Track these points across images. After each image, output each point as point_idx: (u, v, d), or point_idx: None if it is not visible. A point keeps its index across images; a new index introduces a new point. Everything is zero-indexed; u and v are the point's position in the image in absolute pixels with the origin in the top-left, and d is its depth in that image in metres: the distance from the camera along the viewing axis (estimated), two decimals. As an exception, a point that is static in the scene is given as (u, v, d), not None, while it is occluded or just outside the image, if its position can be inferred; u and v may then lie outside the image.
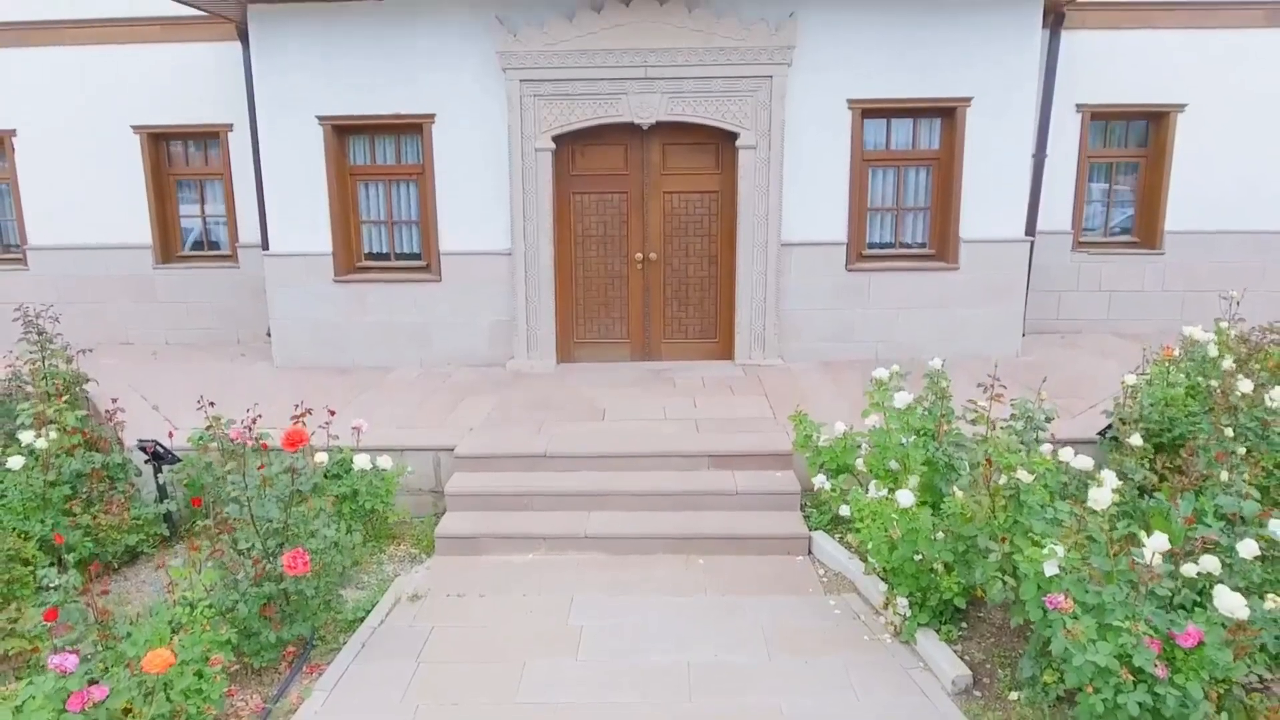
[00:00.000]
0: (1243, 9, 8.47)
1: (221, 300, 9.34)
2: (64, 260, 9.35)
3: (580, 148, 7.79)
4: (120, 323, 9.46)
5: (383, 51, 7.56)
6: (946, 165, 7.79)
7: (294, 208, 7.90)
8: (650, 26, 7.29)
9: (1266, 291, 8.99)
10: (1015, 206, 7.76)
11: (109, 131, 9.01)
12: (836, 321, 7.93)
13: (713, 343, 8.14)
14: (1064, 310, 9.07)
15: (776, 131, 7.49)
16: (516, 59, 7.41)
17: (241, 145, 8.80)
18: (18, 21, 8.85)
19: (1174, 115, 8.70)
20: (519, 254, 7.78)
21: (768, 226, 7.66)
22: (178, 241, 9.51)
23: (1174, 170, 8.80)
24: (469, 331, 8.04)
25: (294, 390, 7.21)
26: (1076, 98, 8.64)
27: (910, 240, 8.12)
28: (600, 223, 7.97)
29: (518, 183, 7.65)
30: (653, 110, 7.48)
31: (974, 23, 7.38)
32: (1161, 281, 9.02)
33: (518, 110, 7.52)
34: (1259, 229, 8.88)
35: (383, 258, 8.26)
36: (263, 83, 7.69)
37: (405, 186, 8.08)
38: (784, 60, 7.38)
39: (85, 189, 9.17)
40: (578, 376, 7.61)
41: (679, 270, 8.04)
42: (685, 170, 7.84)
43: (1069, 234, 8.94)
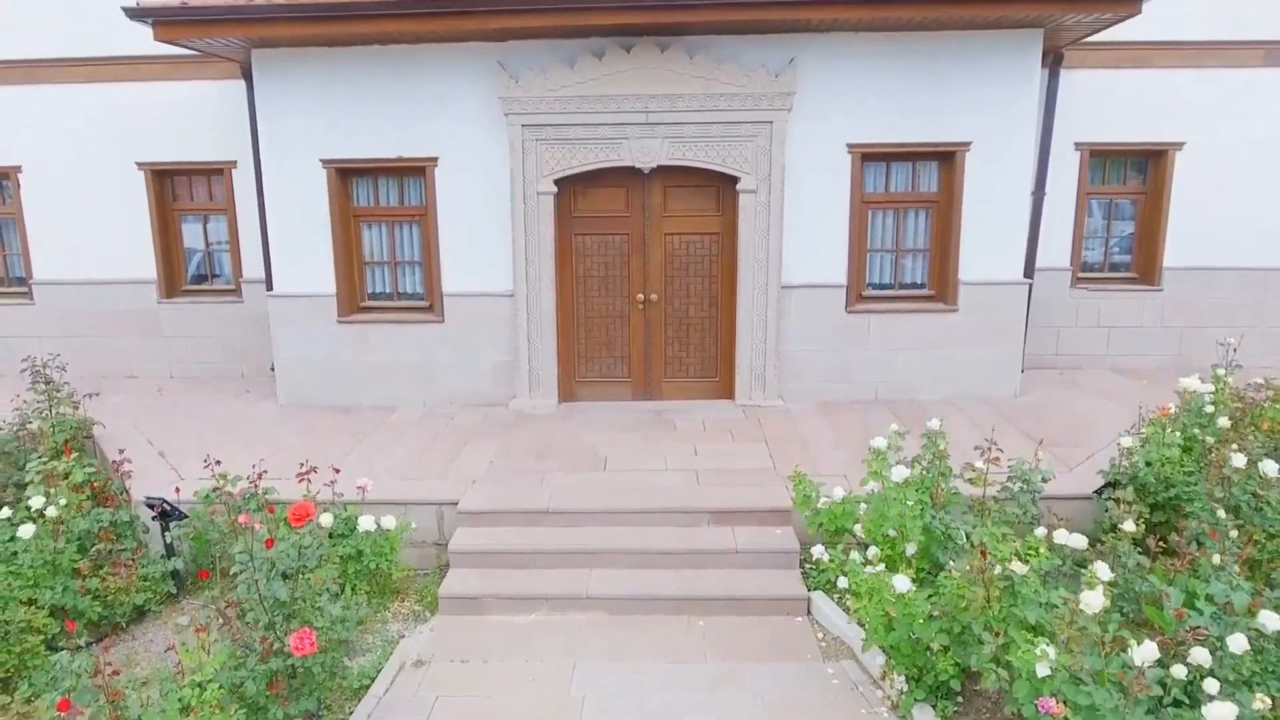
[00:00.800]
0: (1241, 49, 8.52)
1: (225, 334, 9.41)
2: (69, 295, 9.43)
3: (582, 190, 7.86)
4: (125, 356, 9.53)
5: (385, 95, 7.62)
6: (946, 208, 7.85)
7: (298, 249, 7.97)
8: (651, 73, 7.35)
9: (1265, 328, 9.08)
10: (1014, 249, 7.81)
11: (114, 167, 9.09)
12: (836, 362, 7.98)
13: (713, 381, 8.20)
14: (1063, 346, 9.13)
15: (777, 176, 7.55)
16: (518, 104, 7.47)
17: (245, 181, 8.88)
18: (25, 59, 8.93)
19: (1172, 153, 8.75)
20: (521, 295, 7.85)
21: (768, 269, 7.72)
22: (182, 276, 9.58)
23: (1172, 207, 8.86)
24: (471, 371, 8.10)
25: (298, 433, 7.31)
26: (1076, 136, 8.70)
27: (910, 281, 8.17)
28: (602, 263, 8.03)
29: (519, 225, 7.72)
30: (654, 155, 7.54)
31: (973, 69, 7.42)
32: (1160, 317, 9.07)
33: (520, 154, 7.59)
34: (1257, 265, 8.94)
35: (386, 298, 8.33)
36: (266, 126, 7.76)
37: (408, 227, 8.14)
38: (784, 106, 7.44)
39: (90, 224, 9.25)
40: (579, 418, 7.68)
41: (680, 310, 8.10)
42: (686, 212, 7.90)
43: (1068, 270, 9.00)
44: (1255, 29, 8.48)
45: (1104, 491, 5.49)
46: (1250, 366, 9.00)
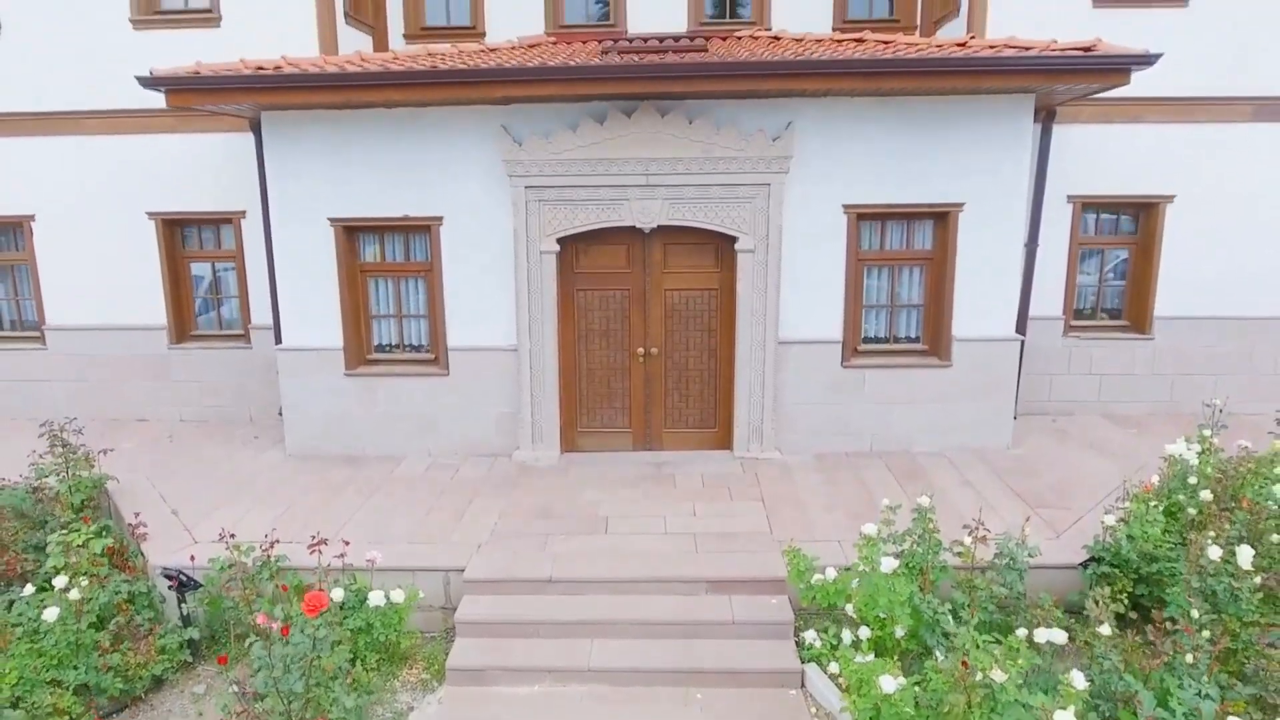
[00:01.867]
0: (1231, 104, 8.69)
1: (234, 379, 9.60)
2: (81, 340, 9.62)
3: (584, 246, 8.03)
4: (136, 400, 9.72)
5: (392, 156, 7.80)
6: (940, 265, 8.02)
7: (306, 304, 8.15)
8: (651, 136, 7.52)
9: (1254, 375, 9.26)
10: (1007, 306, 7.98)
11: (125, 217, 9.29)
12: (832, 415, 8.16)
13: (712, 432, 8.39)
14: (1055, 392, 9.30)
15: (774, 236, 7.73)
16: (521, 166, 7.65)
17: (254, 230, 9.08)
18: (38, 112, 9.11)
19: (1163, 206, 8.93)
20: (524, 350, 8.03)
21: (765, 326, 7.90)
22: (192, 322, 9.77)
23: (1163, 257, 9.03)
24: (476, 423, 8.29)
25: (307, 490, 7.50)
26: (1068, 189, 8.88)
27: (904, 334, 8.34)
28: (603, 318, 8.22)
29: (523, 282, 7.90)
30: (654, 215, 7.72)
31: (967, 132, 7.59)
32: (1151, 365, 9.25)
33: (523, 214, 7.77)
34: (1245, 315, 9.11)
35: (392, 350, 8.51)
36: (275, 186, 7.94)
37: (413, 282, 8.32)
38: (782, 169, 7.61)
39: (101, 271, 9.45)
40: (580, 472, 7.86)
41: (679, 363, 8.28)
42: (685, 268, 8.08)
43: (1060, 319, 9.18)
44: (1244, 85, 8.65)
45: (1089, 565, 5.68)
46: (1239, 413, 9.24)
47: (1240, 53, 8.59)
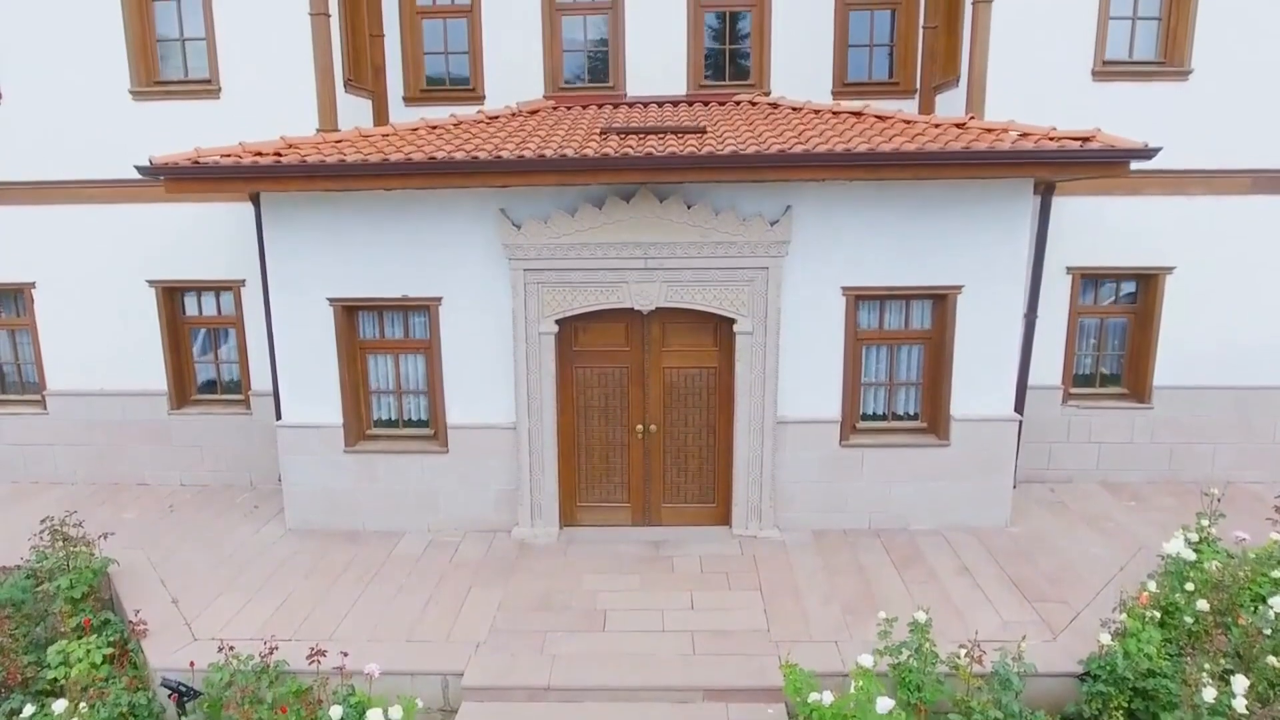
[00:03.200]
0: (1229, 177, 8.69)
1: (234, 444, 9.62)
2: (82, 405, 9.65)
3: (583, 325, 8.04)
4: (137, 464, 9.75)
5: (391, 237, 7.81)
6: (938, 344, 8.03)
7: (305, 381, 8.17)
8: (650, 221, 7.53)
9: (1253, 444, 9.27)
10: (1005, 386, 7.98)
11: (125, 284, 9.32)
12: (831, 492, 8.18)
13: (710, 508, 8.40)
14: (1054, 460, 9.31)
15: (773, 318, 7.74)
16: (520, 249, 7.66)
17: (254, 297, 9.10)
18: (39, 181, 9.13)
19: (1162, 277, 8.93)
20: (523, 428, 8.05)
21: (764, 406, 7.91)
22: (192, 387, 9.80)
23: (1162, 328, 9.03)
24: (475, 499, 8.31)
25: (306, 575, 7.53)
26: (1067, 260, 8.89)
27: (903, 411, 8.35)
28: (602, 394, 8.23)
29: (522, 362, 7.92)
30: (652, 298, 7.73)
31: (965, 216, 7.59)
32: (1150, 434, 9.25)
33: (522, 296, 7.78)
34: (1244, 384, 9.11)
35: (391, 425, 8.53)
36: (274, 266, 7.95)
37: (413, 359, 8.33)
38: (780, 253, 7.62)
39: (102, 338, 9.48)
40: (579, 553, 7.88)
41: (678, 439, 8.29)
42: (684, 347, 8.09)
43: (1059, 389, 9.18)
44: (1243, 158, 8.65)
45: (1085, 679, 5.69)
46: (1239, 481, 9.28)
47: (1239, 126, 8.57)
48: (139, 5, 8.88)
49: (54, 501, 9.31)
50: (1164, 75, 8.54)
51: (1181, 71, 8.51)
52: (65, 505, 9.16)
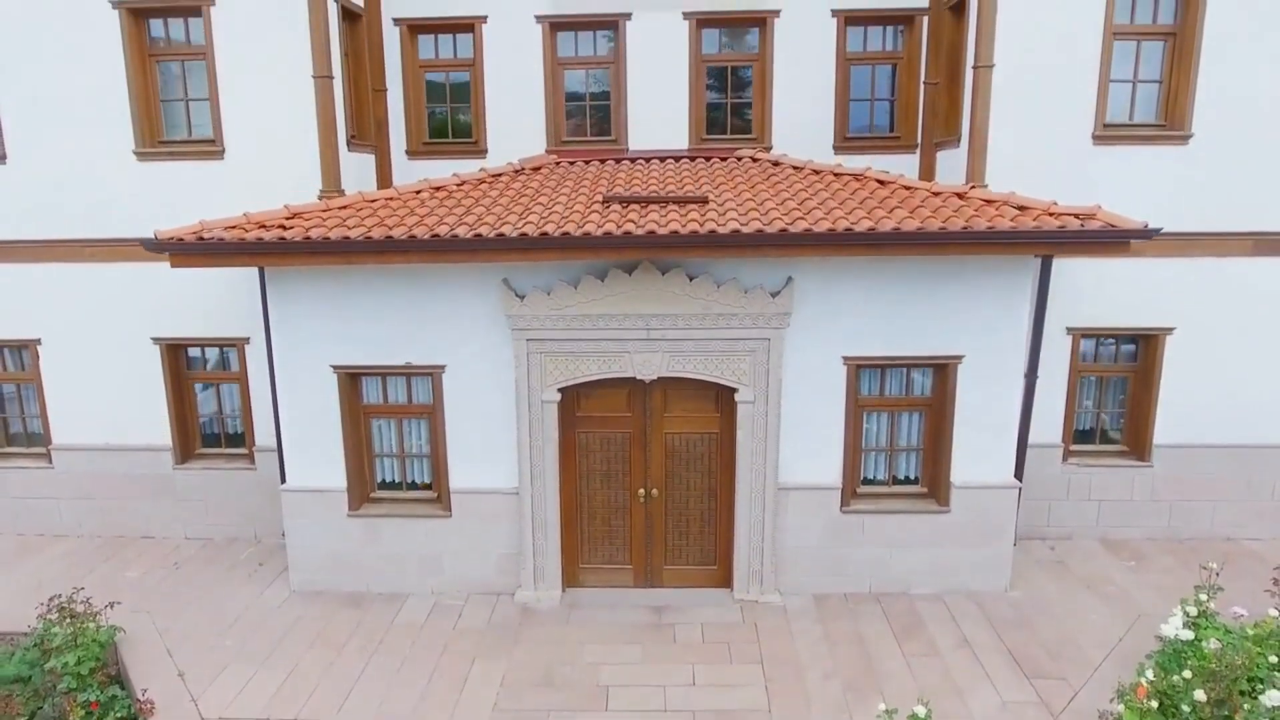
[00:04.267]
0: (1231, 239, 8.71)
1: (238, 498, 9.68)
2: (87, 459, 9.71)
3: (585, 391, 8.08)
4: (142, 517, 9.81)
5: (394, 307, 7.85)
6: (938, 411, 8.07)
7: (310, 445, 8.21)
8: (652, 293, 7.57)
9: (1253, 501, 9.30)
10: (1005, 453, 8.01)
11: (129, 341, 9.37)
12: (832, 557, 8.22)
13: (712, 570, 8.44)
14: (1054, 518, 9.35)
15: (774, 387, 7.78)
16: (523, 320, 7.71)
17: (258, 354, 9.14)
18: (44, 239, 9.18)
19: (1163, 337, 8.96)
20: (526, 493, 8.10)
21: (765, 473, 7.96)
22: (196, 441, 9.86)
23: (1163, 386, 9.06)
24: (478, 562, 8.36)
25: (309, 644, 7.61)
26: (1067, 321, 8.92)
27: (903, 476, 8.39)
28: (604, 459, 8.27)
29: (524, 430, 7.96)
30: (655, 368, 7.77)
31: (965, 288, 7.62)
32: (1150, 491, 9.28)
33: (525, 365, 7.82)
34: (1243, 443, 9.14)
35: (395, 487, 8.58)
36: (279, 335, 8.00)
37: (417, 423, 8.38)
38: (781, 324, 7.66)
39: (106, 393, 9.54)
40: (581, 619, 7.93)
41: (680, 503, 8.34)
42: (686, 413, 8.12)
43: (1059, 446, 9.22)
44: (1244, 221, 8.67)
45: (1083, 774, 5.74)
46: (1238, 538, 9.33)
47: (1240, 189, 8.60)
48: (142, 66, 8.92)
49: (59, 556, 9.39)
50: (1165, 139, 8.56)
51: (1182, 135, 8.53)
52: (70, 561, 9.29)
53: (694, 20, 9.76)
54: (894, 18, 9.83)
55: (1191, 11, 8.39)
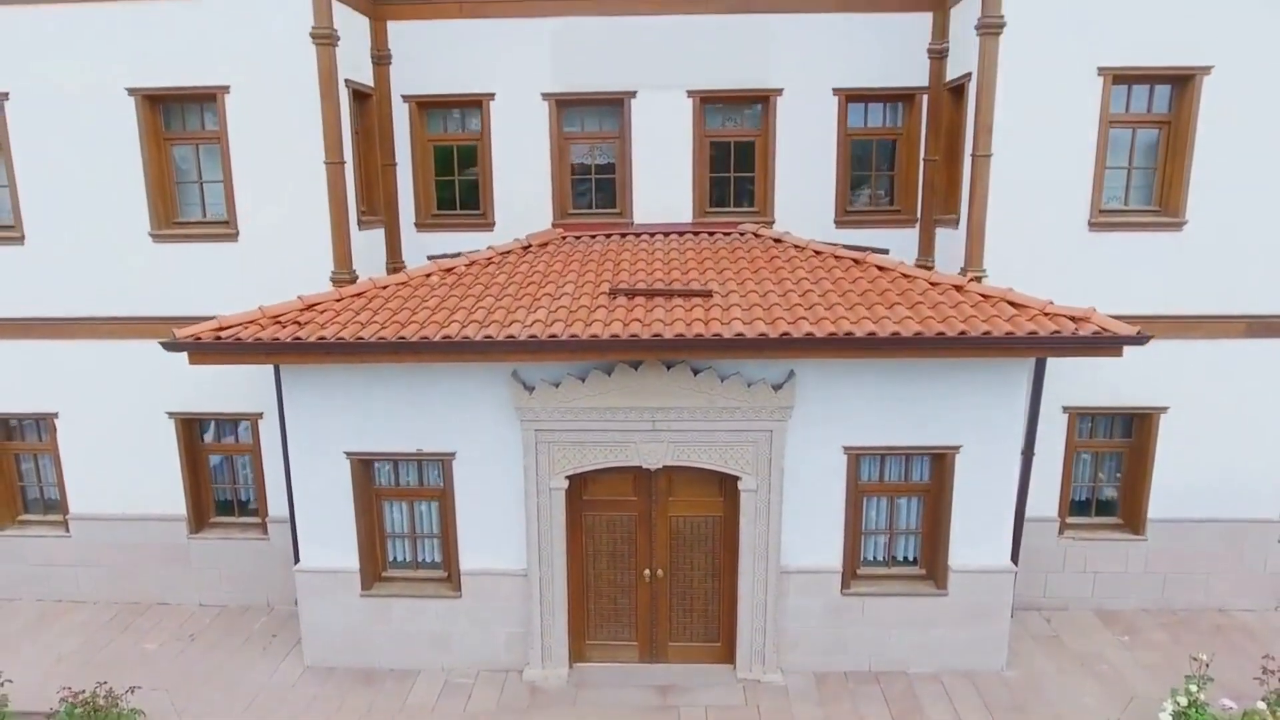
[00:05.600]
0: (1225, 321, 8.89)
1: (251, 567, 9.90)
2: (103, 528, 9.93)
3: (592, 477, 8.27)
4: (157, 585, 10.03)
5: (406, 397, 8.05)
6: (936, 496, 8.27)
7: (323, 527, 8.42)
8: (658, 387, 7.77)
9: (1244, 574, 9.51)
10: (1001, 538, 8.21)
11: (144, 415, 9.58)
12: (832, 637, 8.42)
13: (715, 647, 8.65)
14: (1050, 589, 9.56)
15: (776, 477, 7.97)
16: (532, 412, 7.90)
17: (271, 428, 9.34)
18: (61, 317, 9.39)
19: (1157, 416, 9.14)
20: (534, 575, 8.30)
21: (767, 558, 8.16)
22: (210, 511, 10.07)
23: (1156, 463, 9.26)
24: (488, 640, 8.56)
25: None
26: (1063, 400, 9.12)
27: (902, 557, 8.59)
28: (610, 540, 8.48)
29: (533, 515, 8.17)
30: (660, 457, 7.97)
31: (963, 382, 7.81)
32: (1144, 564, 9.49)
33: (533, 454, 8.03)
34: (1236, 518, 9.34)
35: (406, 566, 8.78)
36: (293, 423, 8.19)
37: (428, 505, 8.58)
38: (783, 417, 7.86)
39: (122, 464, 9.75)
40: (589, 700, 8.13)
41: (684, 583, 8.54)
42: (690, 497, 8.32)
43: (1056, 520, 9.42)
44: (1237, 304, 8.85)
45: None
46: (1231, 609, 9.53)
47: (1234, 274, 8.78)
48: (158, 150, 9.12)
49: (77, 626, 9.61)
50: (1160, 226, 8.74)
51: (1177, 222, 8.70)
52: (88, 631, 9.51)
53: (698, 98, 9.93)
54: (894, 96, 9.99)
55: (1186, 101, 8.56)
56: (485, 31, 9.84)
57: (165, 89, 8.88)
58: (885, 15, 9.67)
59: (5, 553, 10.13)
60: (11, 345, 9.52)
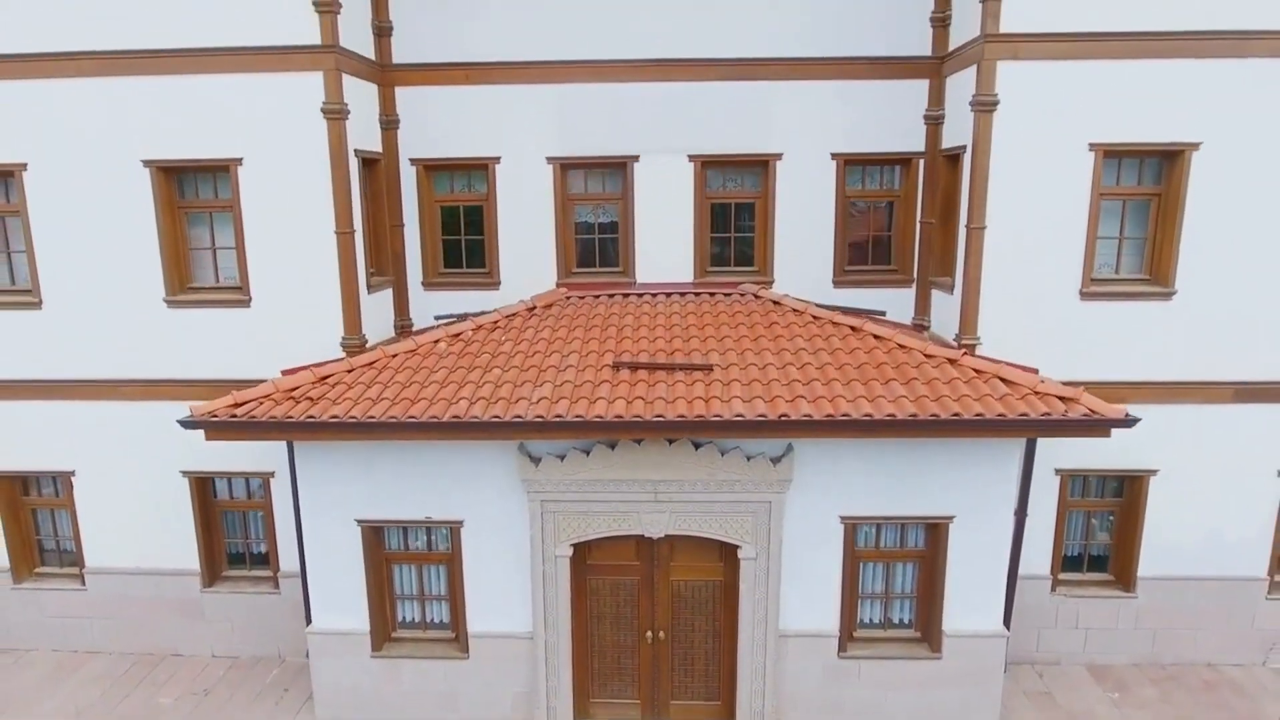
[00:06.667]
0: (1213, 387, 9.11)
1: (264, 620, 10.15)
2: (119, 582, 10.20)
3: (596, 544, 8.50)
4: (171, 637, 10.29)
5: (416, 469, 8.27)
6: (931, 563, 8.49)
7: (334, 591, 8.65)
8: (660, 460, 7.99)
9: (1232, 630, 9.73)
10: (994, 603, 8.42)
11: (160, 474, 9.84)
12: (829, 698, 8.64)
13: (716, 705, 8.87)
14: (1043, 644, 9.80)
15: (775, 546, 8.21)
16: (537, 484, 8.14)
17: (283, 486, 9.59)
18: (78, 379, 9.63)
19: (1147, 478, 9.38)
20: (539, 639, 8.54)
21: (766, 622, 8.39)
22: (223, 564, 10.32)
23: (1147, 522, 9.49)
24: (494, 700, 8.79)
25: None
26: (1056, 463, 9.35)
27: (897, 620, 8.82)
28: (614, 603, 8.71)
29: (538, 581, 8.40)
30: (662, 526, 8.21)
31: (957, 455, 8.02)
32: (1134, 620, 9.73)
33: (539, 524, 8.26)
34: (1224, 576, 9.58)
35: (416, 626, 9.02)
36: (306, 492, 8.43)
37: (436, 568, 8.82)
38: (782, 489, 8.09)
39: (137, 520, 10.00)
40: (593, 761, 8.41)
41: (685, 643, 8.77)
42: (691, 562, 8.54)
43: (1048, 578, 9.65)
44: (1226, 371, 9.07)
45: None
46: (1219, 664, 9.76)
47: (1222, 342, 9.00)
48: (172, 219, 9.37)
49: (94, 679, 9.87)
50: (1150, 296, 8.95)
51: (1166, 292, 8.92)
52: (105, 684, 9.77)
53: (699, 162, 10.16)
54: (892, 160, 10.21)
55: (1176, 174, 8.78)
56: (491, 97, 10.07)
57: (180, 161, 9.11)
58: (882, 82, 9.89)
59: (23, 604, 10.40)
60: (31, 405, 9.77)
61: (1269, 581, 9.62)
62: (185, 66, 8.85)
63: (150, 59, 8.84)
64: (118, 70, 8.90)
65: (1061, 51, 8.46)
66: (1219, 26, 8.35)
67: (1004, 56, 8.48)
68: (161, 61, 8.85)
